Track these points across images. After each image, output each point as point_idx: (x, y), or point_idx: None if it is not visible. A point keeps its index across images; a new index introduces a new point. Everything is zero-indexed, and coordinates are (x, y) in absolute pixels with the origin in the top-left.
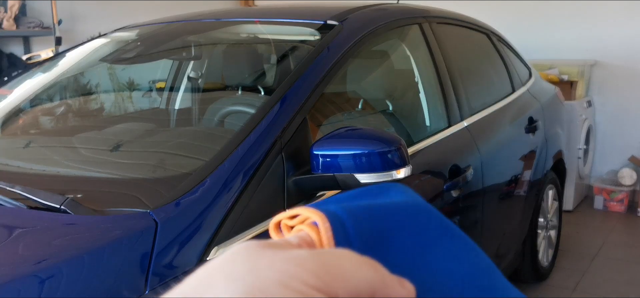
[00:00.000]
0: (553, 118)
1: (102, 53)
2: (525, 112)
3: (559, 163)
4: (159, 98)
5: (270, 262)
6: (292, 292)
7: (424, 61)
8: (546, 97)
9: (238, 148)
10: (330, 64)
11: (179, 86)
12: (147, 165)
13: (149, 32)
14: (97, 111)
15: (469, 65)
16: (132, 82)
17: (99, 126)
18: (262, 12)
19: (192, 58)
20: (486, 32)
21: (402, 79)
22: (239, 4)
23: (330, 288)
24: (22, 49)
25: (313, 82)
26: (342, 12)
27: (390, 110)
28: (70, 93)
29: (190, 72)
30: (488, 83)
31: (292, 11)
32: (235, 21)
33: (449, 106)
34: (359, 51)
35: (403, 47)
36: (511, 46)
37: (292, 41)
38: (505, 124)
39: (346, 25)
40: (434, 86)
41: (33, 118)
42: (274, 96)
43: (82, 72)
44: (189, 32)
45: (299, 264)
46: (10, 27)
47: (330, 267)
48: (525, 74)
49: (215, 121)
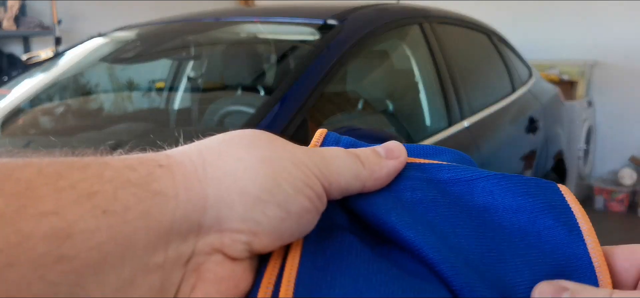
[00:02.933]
0: (553, 118)
1: (102, 53)
2: (525, 112)
3: (559, 163)
4: (159, 98)
5: (283, 145)
6: (299, 171)
7: (424, 60)
8: (547, 97)
9: None
10: (330, 64)
11: (179, 86)
12: None
13: (148, 32)
14: (97, 111)
15: (469, 65)
16: (131, 82)
17: (98, 126)
18: (262, 11)
19: (191, 58)
20: (486, 32)
21: (402, 79)
22: (238, 3)
23: (327, 179)
24: (22, 49)
25: (313, 82)
26: (342, 12)
27: (391, 110)
28: (70, 93)
29: (190, 72)
30: (488, 83)
31: (292, 11)
32: (235, 21)
33: (450, 106)
34: (359, 50)
35: (403, 47)
36: (511, 45)
37: (292, 41)
38: (506, 124)
39: (346, 25)
40: (435, 86)
41: (32, 118)
42: (274, 96)
43: (82, 72)
44: (188, 32)
45: (305, 153)
46: (10, 27)
47: (327, 162)
48: (526, 73)
49: (215, 121)
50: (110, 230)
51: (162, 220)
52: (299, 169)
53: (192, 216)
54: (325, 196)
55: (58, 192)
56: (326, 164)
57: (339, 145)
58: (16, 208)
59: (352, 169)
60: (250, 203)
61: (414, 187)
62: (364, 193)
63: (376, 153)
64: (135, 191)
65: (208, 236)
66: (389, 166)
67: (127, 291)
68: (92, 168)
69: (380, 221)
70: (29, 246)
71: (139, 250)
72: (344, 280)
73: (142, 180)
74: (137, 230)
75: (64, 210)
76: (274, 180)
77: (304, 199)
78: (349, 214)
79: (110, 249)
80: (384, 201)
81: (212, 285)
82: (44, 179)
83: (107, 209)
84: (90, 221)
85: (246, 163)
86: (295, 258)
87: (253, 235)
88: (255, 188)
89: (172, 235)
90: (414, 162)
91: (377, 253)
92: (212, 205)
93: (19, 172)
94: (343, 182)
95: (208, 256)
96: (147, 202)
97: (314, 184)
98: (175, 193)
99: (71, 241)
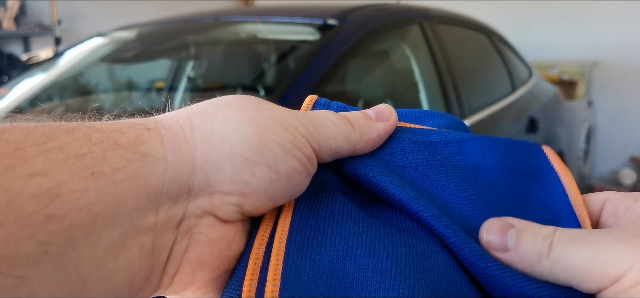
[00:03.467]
0: (553, 118)
1: (102, 53)
2: (525, 112)
3: None
4: (159, 98)
5: (271, 107)
6: (288, 133)
7: (424, 60)
8: (547, 97)
9: None
10: (330, 64)
11: (179, 86)
12: None
13: (148, 32)
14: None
15: (469, 65)
16: (131, 82)
17: None
18: (262, 11)
19: (191, 58)
20: (486, 32)
21: (402, 79)
22: (238, 3)
23: (316, 141)
24: (22, 49)
25: (313, 82)
26: (342, 12)
27: None
28: (70, 93)
29: (190, 72)
30: (488, 83)
31: (291, 11)
32: (235, 21)
33: (450, 106)
34: (359, 50)
35: (403, 46)
36: (511, 45)
37: (292, 41)
38: (506, 124)
39: (346, 25)
40: (435, 86)
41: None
42: (274, 96)
43: (82, 72)
44: (188, 32)
45: (293, 116)
46: (10, 27)
47: (317, 124)
48: (526, 73)
49: None
50: (98, 191)
51: (151, 182)
52: (288, 130)
53: (182, 179)
54: (315, 158)
55: (46, 153)
56: (315, 126)
57: (329, 109)
58: (4, 168)
59: (343, 132)
60: (239, 165)
61: (405, 150)
62: (355, 155)
63: (366, 115)
64: (124, 154)
65: (198, 199)
66: (379, 128)
67: (118, 252)
68: (80, 131)
69: (371, 183)
70: (18, 205)
71: (129, 211)
72: (335, 238)
73: (131, 143)
74: (126, 191)
75: (53, 171)
76: (262, 141)
77: (293, 160)
78: (341, 176)
79: (100, 210)
80: (375, 164)
81: (204, 247)
82: (33, 140)
83: (95, 170)
84: (79, 182)
85: (234, 125)
86: (287, 219)
87: (243, 197)
88: (243, 149)
89: (162, 198)
90: (404, 126)
91: (368, 212)
92: (201, 167)
93: (7, 134)
94: (333, 144)
95: (199, 219)
96: (136, 164)
97: (303, 145)
98: (164, 155)
99: (60, 201)
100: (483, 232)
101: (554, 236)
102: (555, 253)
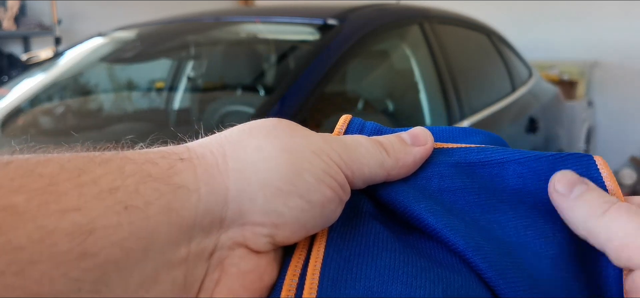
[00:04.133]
0: (553, 118)
1: (102, 53)
2: (525, 112)
3: None
4: (159, 98)
5: (304, 134)
6: (320, 160)
7: (424, 60)
8: (547, 97)
9: None
10: (330, 64)
11: (179, 86)
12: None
13: (148, 32)
14: (97, 111)
15: (469, 65)
16: (131, 82)
17: (98, 126)
18: (262, 11)
19: (191, 58)
20: (486, 32)
21: (402, 79)
22: (238, 3)
23: (349, 168)
24: (22, 49)
25: (313, 82)
26: (342, 12)
27: (391, 110)
28: (70, 93)
29: (190, 72)
30: (488, 83)
31: (292, 11)
32: (235, 21)
33: (450, 106)
34: (359, 50)
35: (403, 47)
36: (511, 45)
37: (291, 41)
38: (506, 124)
39: (346, 25)
40: (435, 86)
41: (32, 118)
42: (274, 96)
43: (82, 72)
44: (188, 32)
45: (327, 141)
46: (10, 27)
47: (350, 150)
48: (526, 73)
49: (215, 121)
50: (132, 226)
51: (184, 214)
52: (320, 158)
53: (215, 210)
54: (348, 186)
55: (80, 187)
56: (349, 153)
57: (363, 132)
58: (38, 204)
59: (376, 158)
60: (271, 195)
61: (442, 174)
62: (389, 181)
63: (401, 139)
64: (157, 186)
65: (230, 230)
66: (415, 153)
67: (151, 287)
68: (114, 163)
69: (406, 210)
70: (52, 243)
71: (162, 245)
72: (369, 272)
73: (164, 174)
74: (159, 224)
75: (87, 206)
76: (294, 170)
77: (326, 188)
78: (375, 201)
79: (133, 245)
80: (411, 190)
81: (236, 279)
82: (66, 174)
83: (128, 204)
84: (112, 217)
85: (266, 153)
86: (320, 250)
87: (275, 228)
88: (276, 179)
89: (194, 230)
90: (440, 147)
91: (404, 242)
92: (234, 198)
93: (41, 168)
94: (367, 171)
95: (231, 251)
96: (169, 196)
97: (336, 173)
98: (197, 186)
99: (93, 237)
100: (555, 179)
101: (615, 203)
102: (611, 215)
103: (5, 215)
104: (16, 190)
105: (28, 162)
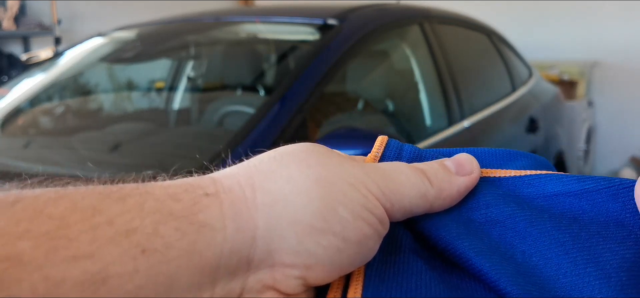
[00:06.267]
0: (554, 118)
1: (102, 53)
2: (525, 112)
3: (559, 163)
4: (159, 98)
5: (340, 162)
6: (357, 193)
7: (424, 60)
8: (547, 97)
9: (238, 148)
10: (330, 64)
11: (179, 86)
12: (146, 166)
13: (148, 32)
14: (96, 111)
15: (469, 65)
16: (131, 82)
17: (98, 126)
18: (262, 11)
19: (191, 58)
20: (486, 32)
21: (402, 79)
22: (238, 3)
23: (389, 200)
24: (22, 49)
25: (313, 82)
26: (342, 12)
27: (391, 110)
28: (70, 93)
29: (190, 72)
30: (488, 83)
31: (292, 11)
32: (235, 21)
33: (450, 106)
34: (359, 50)
35: (403, 47)
36: (511, 45)
37: (292, 41)
38: (506, 124)
39: (346, 25)
40: (435, 86)
41: (32, 118)
42: (274, 96)
43: (82, 72)
44: (188, 32)
45: (363, 171)
46: (10, 27)
47: (389, 180)
48: (526, 73)
49: (215, 121)
50: (149, 271)
51: (208, 256)
52: (358, 190)
53: (242, 250)
54: (387, 220)
55: (93, 230)
56: (388, 183)
57: (401, 156)
58: (46, 251)
59: (418, 188)
60: (303, 233)
61: (488, 203)
62: (430, 213)
63: (445, 167)
64: (179, 225)
65: (258, 272)
66: (460, 183)
67: None
68: (132, 200)
69: (449, 246)
70: (60, 295)
71: (182, 291)
72: None
73: (187, 211)
74: (179, 269)
75: (100, 251)
76: (329, 205)
77: (363, 225)
78: (415, 233)
79: (150, 292)
80: (453, 223)
81: None
82: (79, 215)
83: (146, 248)
84: (128, 263)
85: (298, 185)
86: (357, 291)
87: (307, 269)
88: (308, 215)
89: (219, 272)
90: (487, 176)
91: (446, 283)
92: (263, 236)
93: (51, 207)
94: (407, 203)
95: (259, 294)
96: (192, 237)
97: (375, 207)
98: (223, 224)
99: (106, 287)
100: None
101: None
102: None
103: (7, 266)
104: (22, 235)
105: (37, 201)
